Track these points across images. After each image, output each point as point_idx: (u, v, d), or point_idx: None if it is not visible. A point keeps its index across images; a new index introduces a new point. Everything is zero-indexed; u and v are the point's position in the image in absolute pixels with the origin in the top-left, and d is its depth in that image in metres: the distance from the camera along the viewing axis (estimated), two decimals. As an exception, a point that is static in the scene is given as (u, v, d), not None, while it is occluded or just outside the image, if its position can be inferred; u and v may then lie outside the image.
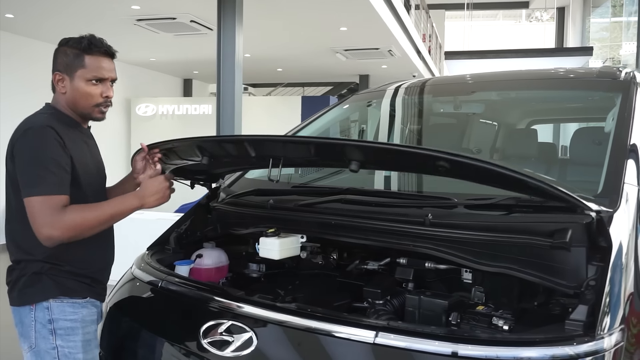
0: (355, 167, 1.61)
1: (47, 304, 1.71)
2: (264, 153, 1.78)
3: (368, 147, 1.62)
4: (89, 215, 1.67)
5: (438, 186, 2.45)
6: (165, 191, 1.82)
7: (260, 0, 6.41)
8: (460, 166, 1.49)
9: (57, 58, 1.78)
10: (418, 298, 1.76)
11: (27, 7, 6.72)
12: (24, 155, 1.66)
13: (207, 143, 1.84)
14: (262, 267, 2.42)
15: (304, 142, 1.67)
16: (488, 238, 1.67)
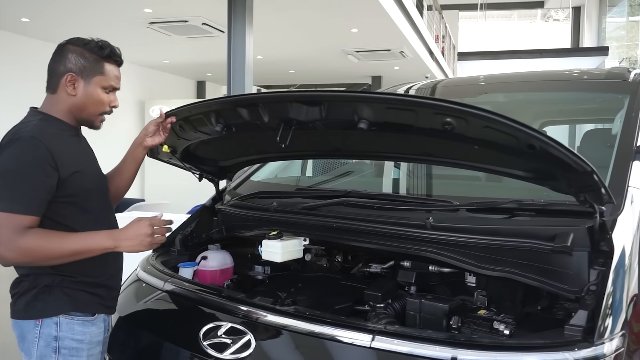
0: (365, 125, 1.57)
1: (56, 319, 1.64)
2: (276, 113, 1.73)
3: (380, 98, 1.57)
4: (47, 244, 1.57)
5: (440, 189, 2.46)
6: (144, 238, 1.66)
7: (271, 2, 6.43)
8: (470, 121, 1.43)
9: (71, 58, 1.68)
10: (419, 301, 1.75)
11: (42, 11, 6.82)
12: (3, 165, 1.57)
13: (221, 104, 1.82)
14: (266, 270, 2.43)
15: (314, 96, 1.63)
16: (489, 242, 1.66)
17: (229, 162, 2.40)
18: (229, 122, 1.88)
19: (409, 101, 1.51)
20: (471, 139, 1.51)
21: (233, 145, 2.23)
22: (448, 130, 1.48)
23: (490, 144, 1.51)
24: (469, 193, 2.29)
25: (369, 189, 2.27)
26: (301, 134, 1.79)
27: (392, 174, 2.79)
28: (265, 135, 1.91)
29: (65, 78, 1.67)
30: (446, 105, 1.42)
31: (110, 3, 6.45)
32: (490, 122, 1.39)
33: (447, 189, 2.51)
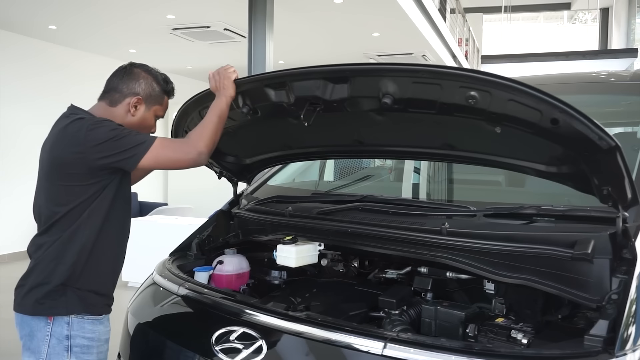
0: (389, 100, 1.55)
1: (68, 319, 1.70)
2: (301, 91, 1.74)
3: (407, 69, 1.53)
4: (200, 127, 1.75)
5: (458, 195, 2.41)
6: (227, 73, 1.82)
7: (292, 7, 6.45)
8: (494, 93, 1.40)
9: (141, 84, 1.85)
10: (434, 309, 1.72)
11: (68, 19, 6.96)
12: (107, 134, 1.66)
13: (249, 82, 1.84)
14: (283, 274, 2.42)
15: (341, 70, 1.62)
16: (507, 248, 1.62)
17: (249, 160, 2.40)
18: (255, 103, 1.88)
19: (436, 72, 1.47)
20: (493, 116, 1.48)
21: (255, 138, 2.23)
22: (471, 107, 1.46)
23: (512, 122, 1.47)
24: (487, 198, 2.24)
25: (385, 194, 2.25)
26: (323, 122, 1.80)
27: (412, 179, 2.76)
28: (288, 124, 1.94)
29: (132, 99, 1.83)
30: (472, 75, 1.41)
31: (134, 10, 6.55)
32: (514, 94, 1.36)
33: (464, 194, 2.47)
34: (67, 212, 1.69)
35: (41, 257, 1.72)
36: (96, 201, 1.71)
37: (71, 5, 6.37)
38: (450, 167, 2.57)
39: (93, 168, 1.67)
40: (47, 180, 1.75)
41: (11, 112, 7.52)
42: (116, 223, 1.81)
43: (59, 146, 1.71)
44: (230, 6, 6.38)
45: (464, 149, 1.80)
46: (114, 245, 1.83)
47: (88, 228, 1.71)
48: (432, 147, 1.89)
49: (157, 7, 6.40)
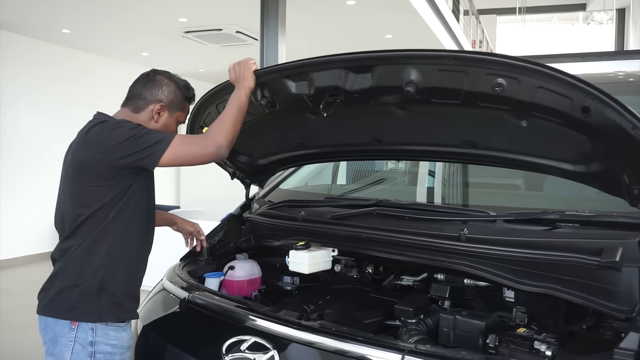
0: (412, 89, 1.50)
1: (92, 325, 1.67)
2: (322, 81, 1.69)
3: (432, 55, 1.47)
4: (222, 119, 1.73)
5: (476, 199, 2.34)
6: (248, 64, 1.80)
7: (304, 9, 6.42)
8: (522, 80, 1.34)
9: (163, 90, 1.86)
10: (453, 318, 1.65)
11: (81, 23, 6.99)
12: (127, 133, 1.67)
13: (268, 73, 1.79)
14: (295, 280, 2.37)
15: (364, 57, 1.57)
16: (529, 255, 1.55)
17: (263, 160, 2.36)
18: (274, 95, 1.84)
19: (462, 57, 1.42)
20: (520, 105, 1.41)
21: (270, 136, 2.18)
22: (498, 96, 1.40)
23: (540, 111, 1.41)
24: (506, 203, 2.17)
25: (400, 198, 2.19)
26: (341, 118, 1.75)
27: (426, 182, 2.69)
28: (305, 120, 1.89)
29: (155, 106, 1.84)
30: (500, 61, 1.35)
31: (146, 13, 6.55)
32: (544, 80, 1.30)
33: (482, 198, 2.40)
34: (93, 213, 1.68)
35: (68, 260, 1.70)
36: (121, 202, 1.70)
37: (84, 9, 6.40)
38: (465, 170, 2.50)
39: (115, 168, 1.67)
40: (71, 183, 1.75)
41: (25, 114, 7.57)
42: (142, 223, 1.80)
43: (83, 148, 1.72)
44: (242, 9, 6.36)
45: (486, 147, 1.72)
46: (141, 245, 1.81)
47: (115, 229, 1.70)
48: (452, 145, 1.81)
49: (169, 9, 6.40)
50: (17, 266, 7.35)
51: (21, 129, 7.52)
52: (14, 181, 7.43)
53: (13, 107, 7.43)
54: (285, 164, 2.41)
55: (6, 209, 7.31)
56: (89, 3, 6.16)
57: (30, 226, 7.50)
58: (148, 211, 1.84)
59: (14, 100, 7.43)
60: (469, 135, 1.73)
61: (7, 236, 7.37)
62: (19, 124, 7.49)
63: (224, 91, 1.90)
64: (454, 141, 1.79)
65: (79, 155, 1.73)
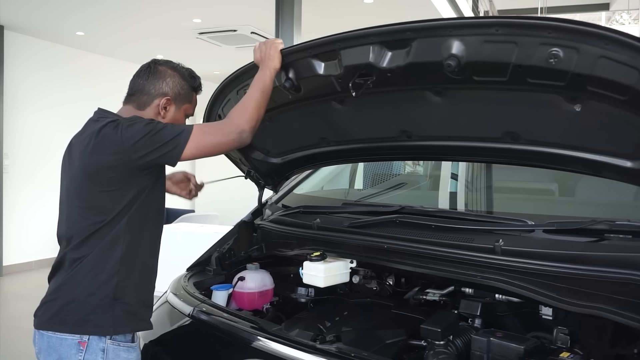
0: (453, 62, 1.33)
1: (103, 345, 1.50)
2: (353, 58, 1.53)
3: (477, 23, 1.32)
4: (244, 102, 1.61)
5: (504, 205, 2.15)
6: (275, 44, 1.66)
7: (320, 8, 6.29)
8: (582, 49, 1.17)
9: (168, 82, 1.70)
10: (487, 340, 1.47)
11: (95, 25, 6.93)
12: (144, 129, 1.52)
13: (295, 51, 1.63)
14: (310, 292, 2.21)
15: (401, 29, 1.40)
16: (574, 271, 1.38)
17: (280, 159, 2.21)
18: (299, 77, 1.67)
19: (513, 24, 1.24)
20: (578, 79, 1.24)
21: (290, 129, 2.03)
22: (552, 70, 1.23)
23: (600, 87, 1.23)
24: (538, 210, 1.99)
25: (423, 204, 2.01)
26: (369, 106, 1.63)
27: (449, 187, 2.51)
28: (329, 110, 1.76)
29: (160, 100, 1.68)
30: (559, 26, 1.18)
31: (160, 14, 6.46)
32: (608, 47, 1.14)
33: (511, 204, 2.21)
34: (109, 221, 1.53)
35: (76, 269, 1.53)
36: (135, 205, 1.55)
37: (98, 11, 6.34)
38: (489, 172, 2.32)
39: (133, 169, 1.53)
40: (81, 190, 1.58)
41: (39, 118, 7.53)
42: (154, 227, 1.67)
43: (96, 151, 1.55)
44: (257, 9, 6.24)
45: (529, 140, 1.53)
46: (153, 250, 1.68)
47: (128, 234, 1.55)
48: (490, 138, 1.61)
49: (183, 10, 6.30)
50: (30, 270, 7.30)
51: (34, 131, 7.49)
52: (27, 184, 7.40)
53: (26, 109, 7.40)
54: (303, 164, 2.23)
55: (18, 212, 7.27)
56: (103, 5, 6.09)
57: (42, 230, 7.44)
58: (159, 214, 1.69)
59: (26, 103, 7.40)
60: (510, 125, 1.53)
61: (20, 240, 7.33)
62: (32, 126, 7.46)
63: (246, 75, 1.75)
64: (492, 133, 1.59)
65: (91, 160, 1.56)
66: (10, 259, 7.19)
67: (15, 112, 7.25)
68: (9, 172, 7.14)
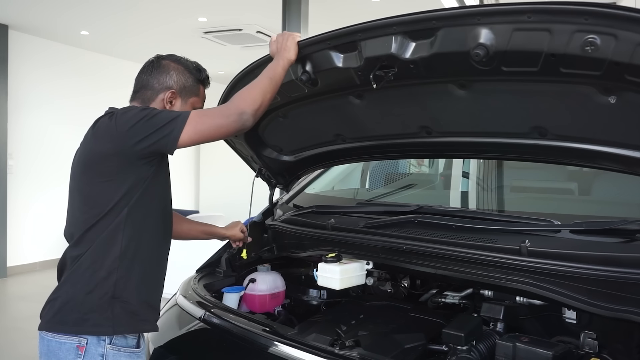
0: (482, 51, 1.26)
1: (102, 351, 1.44)
2: (374, 50, 1.46)
3: (508, 10, 1.23)
4: (249, 85, 1.54)
5: (535, 205, 2.08)
6: (293, 35, 1.60)
7: (327, 7, 6.23)
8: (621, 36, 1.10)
9: (172, 76, 1.65)
10: (512, 345, 1.40)
11: (100, 24, 6.89)
12: (138, 114, 1.47)
13: (313, 42, 1.57)
14: (323, 294, 2.15)
15: (425, 17, 1.33)
16: (606, 274, 1.31)
17: (293, 157, 2.15)
18: (316, 70, 1.61)
19: (548, 10, 1.17)
20: (616, 68, 1.17)
21: (305, 126, 1.98)
22: (587, 58, 1.16)
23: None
24: (552, 209, 1.92)
25: (435, 203, 1.94)
26: (389, 100, 1.56)
27: (461, 186, 2.45)
28: (346, 105, 1.69)
29: (166, 94, 1.63)
30: (597, 11, 1.10)
31: (165, 13, 6.42)
32: None
33: (525, 203, 2.14)
34: (106, 215, 1.47)
35: (76, 266, 1.48)
36: (135, 198, 1.48)
37: (103, 11, 6.29)
38: (501, 171, 2.25)
39: (129, 157, 1.46)
40: (79, 183, 1.54)
41: (43, 118, 7.50)
42: (158, 223, 1.59)
43: (92, 142, 1.52)
44: (262, 8, 6.18)
45: (558, 135, 1.45)
46: (158, 248, 1.59)
47: (128, 229, 1.48)
48: (516, 134, 1.54)
49: (188, 9, 6.25)
50: (35, 271, 7.26)
51: (38, 131, 7.45)
52: (31, 184, 7.36)
53: (30, 109, 7.37)
54: (317, 162, 2.17)
55: (23, 212, 7.24)
56: (107, 4, 6.05)
57: (47, 230, 7.41)
58: (164, 209, 1.62)
59: (31, 103, 7.37)
60: (538, 120, 1.45)
61: (25, 241, 7.30)
62: (36, 126, 7.43)
63: (260, 69, 1.68)
64: (519, 128, 1.51)
65: (88, 150, 1.52)
66: (15, 259, 7.15)
67: (20, 112, 7.21)
68: (14, 173, 7.10)
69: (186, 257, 2.89)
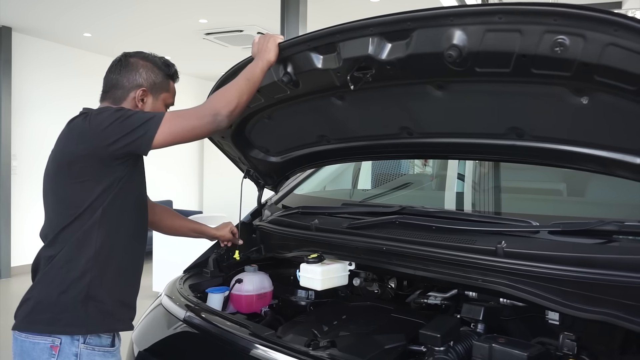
0: (455, 52, 1.27)
1: (76, 350, 1.46)
2: (352, 51, 1.47)
3: (479, 11, 1.25)
4: (225, 86, 1.54)
5: (511, 206, 2.07)
6: (274, 37, 1.59)
7: (326, 7, 6.23)
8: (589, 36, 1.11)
9: (141, 73, 1.66)
10: (488, 346, 1.40)
11: (102, 26, 6.94)
12: (112, 116, 1.48)
13: (292, 44, 1.57)
14: (310, 295, 2.15)
15: (400, 19, 1.34)
16: (582, 275, 1.30)
17: (280, 158, 2.16)
18: (297, 71, 1.61)
19: (517, 11, 1.18)
20: (584, 69, 1.17)
21: (289, 127, 1.98)
22: (557, 59, 1.17)
23: (609, 77, 1.17)
24: (546, 211, 1.91)
25: (427, 205, 1.94)
26: (369, 101, 1.56)
27: (456, 187, 2.44)
28: (329, 106, 1.70)
29: (137, 92, 1.64)
30: (565, 12, 1.11)
31: (166, 15, 6.45)
32: (617, 33, 1.07)
33: (520, 205, 2.13)
34: (80, 215, 1.48)
35: (49, 267, 1.49)
36: (109, 198, 1.49)
37: (105, 13, 6.33)
38: (497, 172, 2.24)
39: (103, 158, 1.47)
40: (53, 184, 1.56)
41: (47, 119, 7.54)
42: (133, 223, 1.60)
43: (67, 142, 1.53)
44: (262, 9, 6.20)
45: (534, 136, 1.46)
46: (133, 247, 1.61)
47: (102, 229, 1.49)
48: (494, 135, 1.55)
49: (188, 10, 6.28)
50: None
51: (42, 132, 7.49)
52: (35, 185, 7.39)
53: (34, 111, 7.42)
54: (303, 163, 2.18)
55: (26, 213, 7.28)
56: (109, 6, 6.09)
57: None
58: (139, 209, 1.63)
59: (34, 104, 7.43)
60: (515, 121, 1.46)
61: (29, 241, 7.34)
62: (40, 127, 7.48)
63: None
64: (496, 129, 1.52)
65: (61, 150, 1.54)
66: (19, 260, 7.20)
67: (23, 113, 7.27)
68: (17, 174, 7.16)
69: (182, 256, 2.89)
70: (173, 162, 9.59)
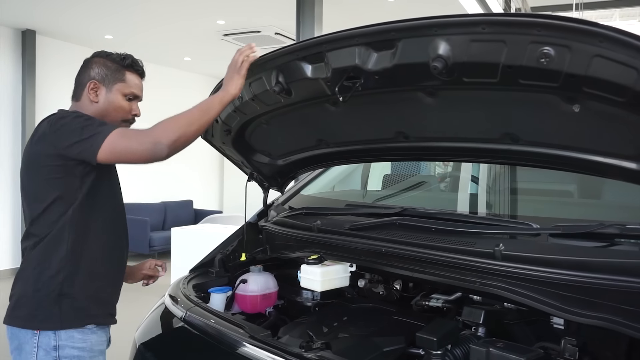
0: (440, 64, 1.25)
1: (55, 344, 1.56)
2: (340, 60, 1.47)
3: (462, 22, 1.23)
4: (175, 115, 1.52)
5: (532, 209, 2.02)
6: (236, 67, 1.59)
7: (342, 8, 6.21)
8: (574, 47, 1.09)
9: (93, 68, 1.73)
10: (486, 350, 1.37)
11: (123, 29, 7.06)
12: (71, 124, 1.53)
13: (281, 55, 1.56)
14: (315, 295, 2.15)
15: (386, 29, 1.33)
16: (581, 279, 1.28)
17: (282, 161, 2.16)
18: (288, 80, 1.61)
19: (500, 22, 1.17)
20: (572, 80, 1.15)
21: (288, 132, 1.99)
22: (543, 70, 1.15)
23: (596, 88, 1.14)
24: (553, 213, 1.87)
25: (437, 207, 1.92)
26: (362, 108, 1.56)
27: (469, 189, 2.40)
28: (324, 113, 1.71)
29: (88, 86, 1.71)
30: (548, 23, 1.09)
31: (185, 17, 6.52)
32: (602, 45, 1.05)
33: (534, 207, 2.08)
34: (46, 209, 1.56)
35: (25, 264, 1.61)
36: (79, 199, 1.58)
37: (126, 15, 6.44)
38: (514, 173, 2.20)
39: (65, 158, 1.54)
40: (25, 180, 1.65)
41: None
42: (106, 223, 1.68)
43: (34, 142, 1.61)
44: (280, 10, 6.22)
45: (529, 142, 1.44)
46: (108, 246, 1.68)
47: (74, 229, 1.58)
48: (489, 140, 1.53)
49: (206, 12, 6.34)
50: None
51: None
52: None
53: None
54: (305, 165, 2.18)
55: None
56: (130, 9, 6.19)
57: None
58: (114, 210, 1.71)
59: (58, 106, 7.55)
60: (508, 126, 1.44)
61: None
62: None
63: None
64: (490, 134, 1.50)
65: (28, 150, 1.63)
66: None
67: (47, 114, 7.43)
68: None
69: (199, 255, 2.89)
70: (195, 162, 9.69)
